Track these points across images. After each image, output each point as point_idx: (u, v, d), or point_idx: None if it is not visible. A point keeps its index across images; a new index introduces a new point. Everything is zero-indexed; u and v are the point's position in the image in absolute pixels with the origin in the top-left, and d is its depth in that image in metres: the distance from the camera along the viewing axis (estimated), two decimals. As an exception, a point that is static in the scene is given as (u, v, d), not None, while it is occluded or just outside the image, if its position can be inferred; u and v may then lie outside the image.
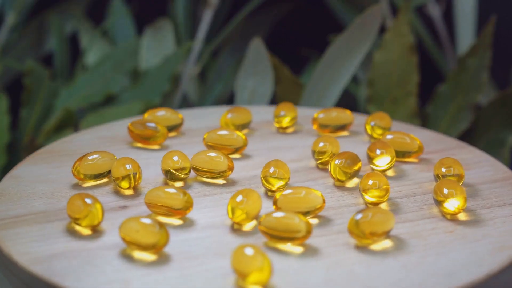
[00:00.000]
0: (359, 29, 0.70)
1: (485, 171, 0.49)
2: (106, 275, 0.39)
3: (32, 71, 0.78)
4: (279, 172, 0.46)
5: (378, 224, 0.41)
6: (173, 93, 0.78)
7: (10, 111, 0.79)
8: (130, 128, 0.52)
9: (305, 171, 0.49)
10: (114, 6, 0.84)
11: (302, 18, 0.90)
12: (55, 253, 0.41)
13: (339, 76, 0.71)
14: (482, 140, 0.73)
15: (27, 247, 0.41)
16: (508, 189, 0.47)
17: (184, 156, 0.48)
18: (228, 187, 0.48)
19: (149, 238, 0.40)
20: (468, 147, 0.52)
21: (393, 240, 0.42)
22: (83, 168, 0.47)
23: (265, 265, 0.38)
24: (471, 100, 0.72)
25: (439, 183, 0.45)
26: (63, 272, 0.39)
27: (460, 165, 0.47)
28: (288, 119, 0.55)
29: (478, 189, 0.47)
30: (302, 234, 0.41)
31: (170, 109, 0.54)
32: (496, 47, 0.77)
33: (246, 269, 0.38)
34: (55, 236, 0.42)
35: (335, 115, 0.54)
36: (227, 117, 0.54)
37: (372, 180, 0.45)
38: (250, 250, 0.38)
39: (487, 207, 0.45)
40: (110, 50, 0.81)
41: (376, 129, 0.54)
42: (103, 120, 0.72)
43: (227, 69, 0.83)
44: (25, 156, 0.74)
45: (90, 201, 0.42)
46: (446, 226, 0.43)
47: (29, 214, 0.45)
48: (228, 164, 0.48)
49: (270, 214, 0.41)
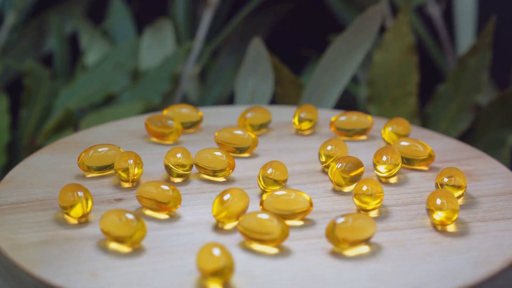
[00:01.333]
0: (359, 29, 0.70)
1: (496, 183, 0.48)
2: (77, 265, 0.40)
3: (32, 71, 0.78)
4: (275, 173, 0.46)
5: (354, 231, 0.41)
6: (173, 93, 0.78)
7: (10, 111, 0.79)
8: (146, 123, 0.53)
9: (309, 174, 0.49)
10: (114, 6, 0.84)
11: (302, 18, 0.90)
12: (37, 241, 0.42)
13: (339, 76, 0.71)
14: (482, 140, 0.73)
15: (13, 233, 0.43)
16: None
17: (187, 153, 0.48)
18: (227, 186, 0.48)
19: (125, 231, 0.41)
20: (486, 158, 0.51)
21: (373, 248, 0.42)
22: (87, 160, 0.48)
23: (227, 265, 0.38)
24: (471, 100, 0.72)
25: (433, 193, 0.44)
26: (38, 260, 0.41)
27: (463, 176, 0.46)
28: (307, 121, 0.55)
29: (481, 201, 0.46)
30: (274, 237, 0.41)
31: (190, 106, 0.55)
32: (496, 47, 0.77)
33: (208, 267, 0.38)
34: (44, 224, 0.44)
35: (353, 119, 0.54)
36: (246, 116, 0.54)
37: (366, 186, 0.45)
38: (216, 249, 0.39)
39: (484, 220, 0.44)
40: (110, 50, 0.81)
41: (392, 134, 0.53)
42: (103, 120, 0.72)
43: (227, 69, 0.83)
44: (25, 156, 0.74)
45: (81, 192, 0.44)
46: (433, 237, 0.43)
47: (27, 202, 0.46)
48: (229, 163, 0.48)
49: (250, 215, 0.41)
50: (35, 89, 0.78)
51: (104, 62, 0.79)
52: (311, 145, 0.53)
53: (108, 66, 0.78)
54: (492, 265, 0.40)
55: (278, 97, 0.73)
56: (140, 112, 0.73)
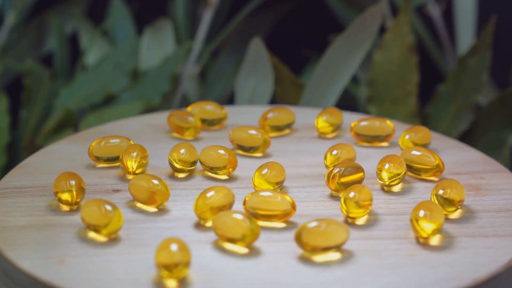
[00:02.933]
0: (359, 29, 0.70)
1: (502, 199, 0.47)
2: (49, 251, 0.41)
3: (32, 71, 0.78)
4: (270, 173, 0.46)
5: (322, 237, 0.41)
6: (173, 93, 0.78)
7: (10, 111, 0.79)
8: (168, 117, 0.54)
9: (312, 177, 0.49)
10: (114, 6, 0.83)
11: (302, 18, 0.90)
12: (23, 225, 0.44)
13: (339, 76, 0.71)
14: (482, 140, 0.73)
15: (4, 215, 0.44)
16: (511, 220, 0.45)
17: (192, 150, 0.49)
18: (227, 183, 0.48)
19: (101, 221, 0.42)
20: (507, 173, 0.50)
21: (345, 255, 0.41)
22: (96, 150, 0.50)
23: (183, 261, 0.39)
24: (471, 100, 0.72)
25: (419, 204, 0.43)
26: (15, 242, 0.42)
27: (460, 189, 0.45)
28: (328, 125, 0.54)
29: (479, 216, 0.45)
30: (244, 237, 0.41)
31: (215, 103, 0.55)
32: (496, 47, 0.77)
33: (163, 262, 0.39)
34: (36, 210, 0.45)
35: (374, 125, 0.53)
36: (267, 116, 0.54)
37: (354, 192, 0.44)
38: (174, 245, 0.39)
39: (472, 236, 0.43)
40: (110, 50, 0.81)
41: (409, 143, 0.52)
42: (103, 120, 0.72)
43: (227, 69, 0.83)
44: (25, 156, 0.74)
45: (73, 181, 0.45)
46: (411, 249, 0.42)
47: (30, 187, 0.47)
48: (230, 161, 0.48)
49: (224, 213, 0.42)
50: (35, 89, 0.78)
51: (104, 62, 0.79)
52: (327, 148, 0.52)
53: (108, 66, 0.78)
54: (459, 282, 0.39)
55: (278, 97, 0.73)
56: (140, 112, 0.73)
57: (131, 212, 0.45)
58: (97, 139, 0.50)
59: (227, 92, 0.82)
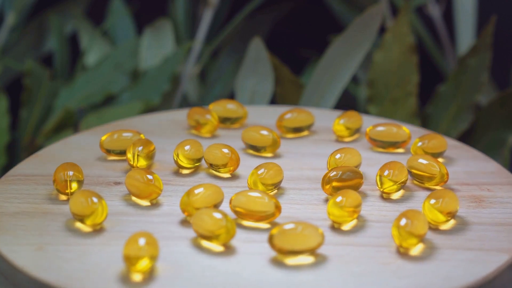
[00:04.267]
0: (359, 29, 0.70)
1: (502, 213, 0.46)
2: (32, 237, 0.43)
3: (32, 71, 0.78)
4: (266, 174, 0.46)
5: (293, 240, 0.40)
6: (173, 93, 0.78)
7: (10, 112, 0.79)
8: (187, 113, 0.55)
9: (313, 180, 0.49)
10: (114, 6, 0.84)
11: (302, 18, 0.90)
12: (17, 211, 0.45)
13: (339, 76, 0.71)
14: (482, 140, 0.73)
15: (3, 201, 0.46)
16: (503, 235, 0.44)
17: (198, 147, 0.49)
18: (227, 181, 0.48)
19: (85, 211, 0.43)
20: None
21: (318, 259, 0.41)
22: (107, 143, 0.51)
23: (149, 255, 0.39)
24: (471, 100, 0.72)
25: (403, 212, 0.42)
26: (1, 227, 0.43)
27: (453, 201, 0.44)
28: (344, 128, 0.54)
29: (472, 228, 0.44)
30: (220, 235, 0.41)
31: (236, 102, 0.56)
32: (496, 47, 0.77)
33: (129, 255, 0.39)
34: (34, 197, 0.46)
35: (389, 131, 0.52)
36: (284, 117, 0.54)
37: (342, 197, 0.44)
38: (142, 239, 0.40)
39: (456, 248, 0.42)
40: (110, 50, 0.81)
41: (420, 150, 0.51)
42: (103, 120, 0.72)
43: (227, 69, 0.83)
44: (25, 156, 0.74)
45: (71, 172, 0.46)
46: (387, 257, 0.41)
47: (38, 175, 0.49)
48: (231, 159, 0.48)
49: (203, 211, 0.42)
50: (35, 89, 0.78)
51: (104, 62, 0.79)
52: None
53: (108, 66, 0.78)
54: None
55: (278, 97, 0.73)
56: (140, 112, 0.73)
57: (124, 205, 0.46)
58: (110, 132, 0.51)
59: (227, 92, 0.82)
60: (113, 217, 0.44)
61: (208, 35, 0.84)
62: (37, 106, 0.78)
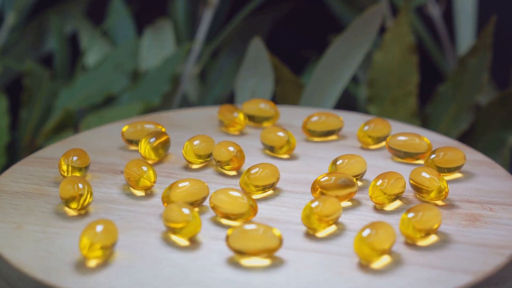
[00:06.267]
0: (359, 29, 0.70)
1: (491, 234, 0.44)
2: (18, 216, 0.44)
3: (32, 71, 0.78)
4: (261, 173, 0.46)
5: (249, 241, 0.40)
6: (173, 94, 0.78)
7: (10, 112, 0.79)
8: (218, 110, 0.56)
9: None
10: (114, 6, 0.83)
11: (302, 18, 0.90)
12: (17, 190, 0.47)
13: (339, 76, 0.71)
14: (482, 140, 0.73)
15: (13, 180, 0.48)
16: (479, 256, 0.41)
17: (208, 143, 0.50)
18: (228, 179, 0.49)
19: (70, 194, 0.44)
20: None
21: (274, 263, 0.41)
22: (128, 133, 0.52)
23: (103, 244, 0.40)
24: (471, 100, 0.72)
25: (370, 223, 0.41)
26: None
27: (432, 218, 0.42)
28: (367, 136, 0.53)
29: (450, 247, 0.42)
30: (183, 229, 0.42)
31: (270, 102, 0.56)
32: (496, 47, 0.77)
33: (85, 241, 0.40)
34: (39, 179, 0.48)
35: (408, 141, 0.51)
36: (310, 120, 0.54)
37: (319, 203, 0.43)
38: (99, 226, 0.41)
39: (421, 266, 0.41)
40: (110, 50, 0.81)
41: (432, 164, 0.49)
42: (103, 121, 0.72)
43: (227, 69, 0.83)
44: (25, 157, 0.74)
45: (75, 157, 0.48)
46: (344, 267, 0.40)
47: (54, 159, 0.50)
48: (235, 157, 0.49)
49: (173, 205, 0.43)
50: (35, 89, 0.78)
51: (104, 63, 0.79)
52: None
53: (108, 67, 0.78)
54: None
55: (278, 97, 0.73)
56: (140, 113, 0.73)
57: (119, 193, 0.47)
58: (133, 123, 0.53)
59: (227, 92, 0.82)
60: (102, 204, 0.46)
61: (208, 35, 0.84)
62: (37, 106, 0.78)
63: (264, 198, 0.47)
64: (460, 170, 0.50)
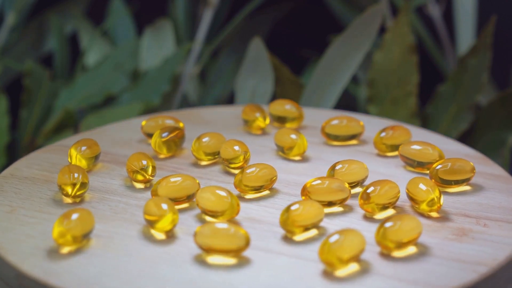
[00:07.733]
0: (359, 29, 0.70)
1: (473, 250, 0.42)
2: (15, 201, 0.45)
3: (32, 71, 0.78)
4: (257, 172, 0.46)
5: (216, 239, 0.40)
6: (173, 94, 0.78)
7: (10, 112, 0.79)
8: (242, 109, 0.56)
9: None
10: (114, 6, 0.83)
11: (302, 18, 0.90)
12: (26, 175, 0.48)
13: (339, 76, 0.71)
14: (482, 140, 0.73)
15: (26, 166, 0.49)
16: (452, 272, 0.40)
17: (219, 140, 0.50)
18: (231, 177, 0.49)
19: (66, 183, 0.45)
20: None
21: (240, 262, 0.41)
22: (146, 127, 0.53)
23: (72, 233, 0.41)
24: (471, 100, 0.72)
25: (341, 230, 0.40)
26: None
27: (408, 230, 0.41)
28: (379, 140, 0.51)
29: (427, 260, 0.41)
30: (154, 220, 0.42)
31: (294, 103, 0.56)
32: (496, 47, 0.77)
33: (56, 230, 0.41)
34: (49, 166, 0.49)
35: (420, 150, 0.49)
36: (331, 123, 0.53)
37: (302, 207, 0.42)
38: (75, 214, 0.41)
39: (387, 277, 0.40)
40: (110, 50, 0.81)
41: (436, 176, 0.47)
42: (103, 121, 0.72)
43: (227, 69, 0.83)
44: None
45: (84, 147, 0.49)
46: (306, 272, 0.40)
47: (68, 147, 0.51)
48: (234, 156, 0.49)
49: (153, 199, 0.43)
50: (35, 89, 0.78)
51: (104, 63, 0.79)
52: (368, 166, 0.49)
53: (108, 67, 0.78)
54: None
55: (278, 97, 0.73)
56: (140, 113, 0.73)
57: (119, 184, 0.48)
58: (154, 117, 0.53)
59: (227, 92, 0.82)
60: (99, 193, 0.47)
61: (208, 35, 0.84)
62: (37, 107, 0.78)
63: (257, 198, 0.47)
64: (471, 182, 0.48)
